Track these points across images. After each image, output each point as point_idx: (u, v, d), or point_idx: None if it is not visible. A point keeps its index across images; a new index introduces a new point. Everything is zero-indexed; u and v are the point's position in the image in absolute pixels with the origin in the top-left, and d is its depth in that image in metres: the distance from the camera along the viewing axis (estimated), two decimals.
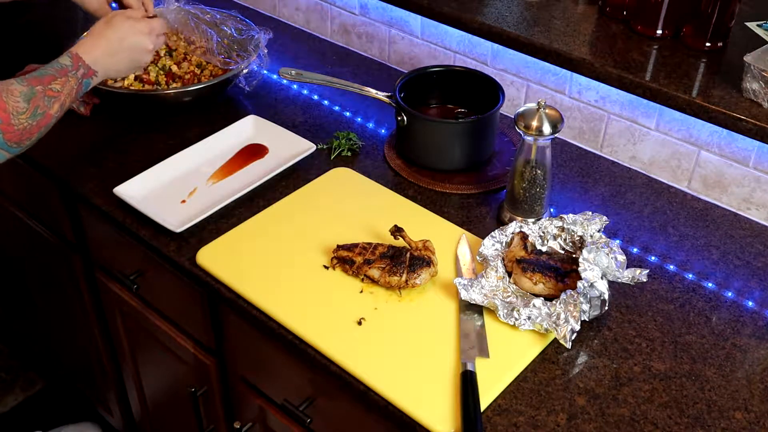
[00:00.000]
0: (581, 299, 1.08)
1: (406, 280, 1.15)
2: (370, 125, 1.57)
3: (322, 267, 1.21)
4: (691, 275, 1.24)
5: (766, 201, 1.34)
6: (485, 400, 1.02)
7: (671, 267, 1.25)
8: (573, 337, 1.08)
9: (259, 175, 1.39)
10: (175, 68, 1.58)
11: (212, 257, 1.23)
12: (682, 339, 1.13)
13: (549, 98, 1.53)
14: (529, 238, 1.20)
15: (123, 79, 1.54)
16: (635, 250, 1.29)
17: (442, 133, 1.41)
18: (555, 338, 1.11)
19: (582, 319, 1.10)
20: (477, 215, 1.34)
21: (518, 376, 1.07)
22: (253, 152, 1.45)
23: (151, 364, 1.67)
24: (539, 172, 1.24)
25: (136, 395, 1.81)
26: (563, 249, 1.20)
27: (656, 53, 1.36)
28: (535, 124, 1.19)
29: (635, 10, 1.41)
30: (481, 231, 1.29)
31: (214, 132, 1.48)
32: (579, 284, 1.08)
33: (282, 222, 1.30)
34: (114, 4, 1.45)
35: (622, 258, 1.13)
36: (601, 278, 1.10)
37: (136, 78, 1.54)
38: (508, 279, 1.16)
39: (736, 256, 1.28)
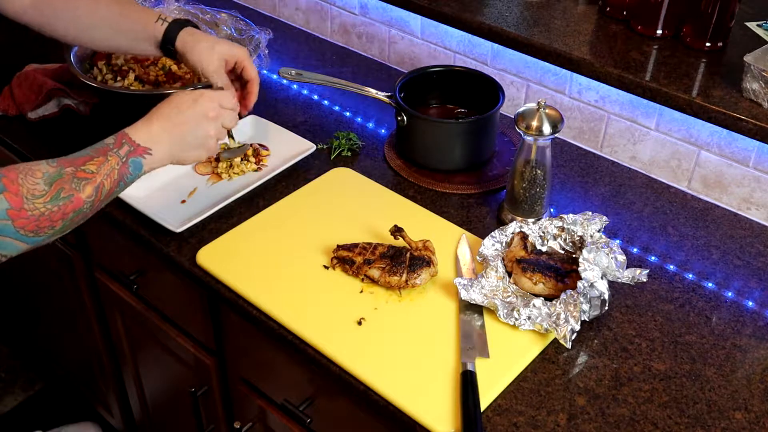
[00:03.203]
0: (581, 299, 1.08)
1: (406, 280, 1.15)
2: (370, 125, 1.57)
3: (322, 267, 1.21)
4: (691, 275, 1.24)
5: (766, 201, 1.34)
6: (485, 400, 1.02)
7: (671, 267, 1.25)
8: (573, 337, 1.09)
9: (259, 175, 1.39)
10: (175, 68, 1.58)
11: (212, 257, 1.23)
12: (682, 339, 1.13)
13: (549, 98, 1.53)
14: (529, 238, 1.20)
15: (123, 79, 1.54)
16: (635, 250, 1.29)
17: (442, 133, 1.41)
18: (555, 338, 1.11)
19: (582, 319, 1.10)
20: (477, 215, 1.34)
21: (518, 376, 1.07)
22: (253, 152, 1.45)
23: (151, 364, 1.67)
24: (539, 172, 1.24)
25: (136, 395, 1.81)
26: (563, 249, 1.20)
27: (656, 53, 1.36)
28: (535, 124, 1.19)
29: (635, 10, 1.41)
30: (481, 231, 1.29)
31: None
32: (579, 284, 1.08)
33: (282, 222, 1.30)
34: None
35: (622, 258, 1.13)
36: (601, 278, 1.10)
37: (136, 78, 1.54)
38: (508, 279, 1.16)
39: (736, 256, 1.28)
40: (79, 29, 1.31)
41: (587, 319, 1.12)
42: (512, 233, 1.21)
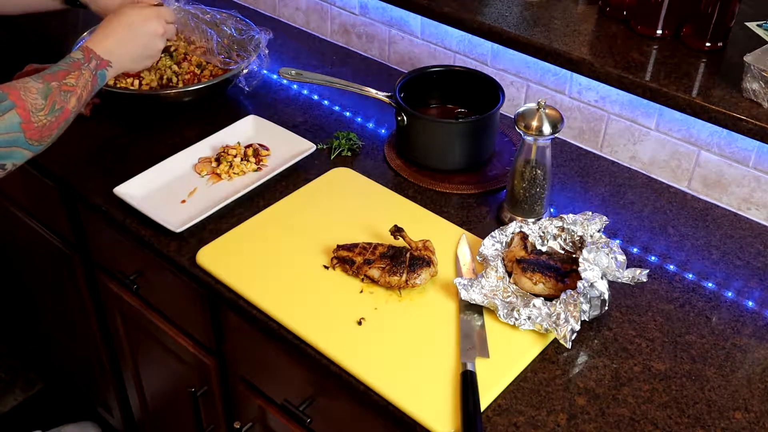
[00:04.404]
0: (581, 299, 1.08)
1: (406, 280, 1.15)
2: (370, 125, 1.57)
3: (322, 267, 1.21)
4: (691, 275, 1.24)
5: (766, 201, 1.34)
6: (485, 400, 1.02)
7: (671, 267, 1.25)
8: (573, 337, 1.09)
9: (259, 175, 1.40)
10: (175, 68, 1.58)
11: (212, 257, 1.23)
12: (682, 339, 1.13)
13: (549, 98, 1.53)
14: (529, 238, 1.20)
15: (124, 78, 1.54)
16: (635, 250, 1.29)
17: (442, 133, 1.41)
18: (555, 338, 1.11)
19: (582, 319, 1.10)
20: (477, 215, 1.34)
21: (518, 376, 1.07)
22: (253, 152, 1.45)
23: (151, 364, 1.67)
24: (539, 172, 1.24)
25: (136, 395, 1.82)
26: (563, 249, 1.20)
27: (656, 53, 1.36)
28: (535, 124, 1.19)
29: (635, 10, 1.41)
30: (481, 231, 1.29)
31: (214, 132, 1.48)
32: (579, 284, 1.08)
33: (282, 222, 1.30)
34: None
35: (622, 258, 1.13)
36: (601, 278, 1.10)
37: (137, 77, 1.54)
38: (508, 279, 1.16)
39: (736, 256, 1.28)
40: None
41: (587, 319, 1.12)
42: (512, 233, 1.21)
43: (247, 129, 1.50)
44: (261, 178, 1.37)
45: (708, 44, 1.34)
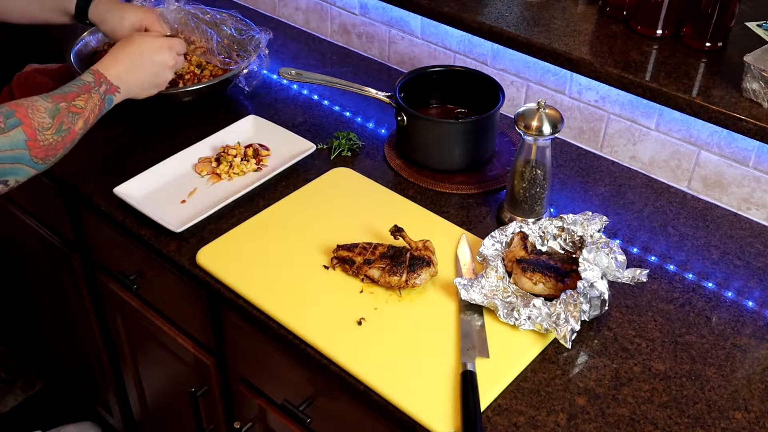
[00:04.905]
0: (581, 299, 1.08)
1: (406, 280, 1.15)
2: (370, 125, 1.57)
3: (322, 267, 1.21)
4: (691, 275, 1.24)
5: (766, 201, 1.34)
6: (485, 400, 1.02)
7: (671, 267, 1.25)
8: (573, 337, 1.09)
9: (259, 175, 1.40)
10: None
11: (212, 257, 1.23)
12: (682, 339, 1.13)
13: (549, 98, 1.53)
14: (529, 238, 1.20)
15: None
16: (635, 250, 1.29)
17: (442, 133, 1.41)
18: (555, 338, 1.11)
19: (582, 319, 1.10)
20: (477, 215, 1.34)
21: (518, 376, 1.07)
22: (253, 152, 1.45)
23: (151, 364, 1.67)
24: (539, 172, 1.24)
25: (136, 395, 1.82)
26: (563, 249, 1.20)
27: (656, 53, 1.36)
28: (535, 124, 1.19)
29: (635, 10, 1.41)
30: (481, 231, 1.29)
31: (214, 132, 1.48)
32: (579, 284, 1.08)
33: (282, 222, 1.30)
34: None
35: (622, 258, 1.13)
36: (601, 278, 1.10)
37: None
38: (508, 279, 1.16)
39: (736, 256, 1.28)
40: None
41: (587, 319, 1.12)
42: (512, 233, 1.21)
43: (247, 129, 1.50)
44: (261, 178, 1.37)
45: (708, 44, 1.35)
